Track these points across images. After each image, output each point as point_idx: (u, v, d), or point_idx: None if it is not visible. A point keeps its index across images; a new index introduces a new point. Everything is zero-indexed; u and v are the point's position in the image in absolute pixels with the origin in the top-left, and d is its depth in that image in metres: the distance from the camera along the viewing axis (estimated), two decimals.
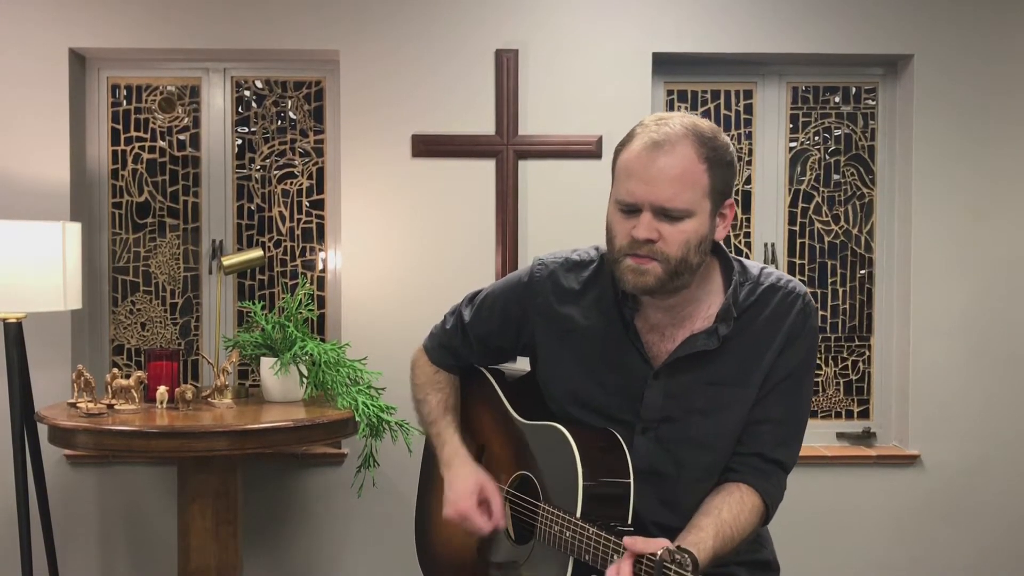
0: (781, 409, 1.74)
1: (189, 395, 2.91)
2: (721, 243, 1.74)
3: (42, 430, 2.98)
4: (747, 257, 3.63)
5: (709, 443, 1.73)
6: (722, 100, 3.65)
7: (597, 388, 1.77)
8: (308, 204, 3.61)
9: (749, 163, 3.64)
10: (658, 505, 1.75)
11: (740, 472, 1.74)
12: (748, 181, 3.65)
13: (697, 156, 1.60)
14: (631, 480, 1.67)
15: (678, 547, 1.45)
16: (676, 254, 1.61)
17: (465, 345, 1.96)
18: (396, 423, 3.02)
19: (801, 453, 3.59)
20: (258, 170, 3.61)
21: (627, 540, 1.50)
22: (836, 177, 3.68)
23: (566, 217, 3.40)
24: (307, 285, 3.27)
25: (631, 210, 1.62)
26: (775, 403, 1.74)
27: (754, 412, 1.74)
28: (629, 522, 1.65)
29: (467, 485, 1.84)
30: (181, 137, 3.60)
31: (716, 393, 1.72)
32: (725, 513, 1.66)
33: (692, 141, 1.60)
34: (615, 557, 1.53)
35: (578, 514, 1.63)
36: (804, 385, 1.77)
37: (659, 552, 1.44)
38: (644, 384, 1.73)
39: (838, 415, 3.71)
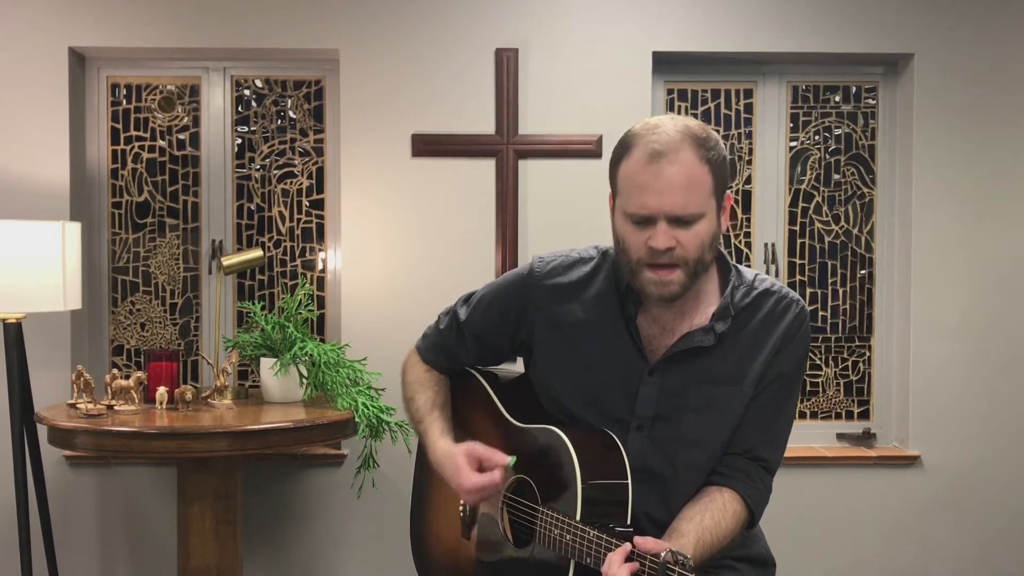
0: (769, 411, 1.77)
1: (189, 396, 2.91)
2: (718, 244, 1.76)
3: (42, 431, 2.98)
4: (747, 256, 3.63)
5: (702, 442, 1.75)
6: (722, 99, 3.64)
7: (594, 384, 1.79)
8: (308, 204, 3.61)
9: (749, 163, 3.64)
10: (656, 503, 1.76)
11: (725, 475, 1.76)
12: (748, 181, 3.64)
13: (699, 159, 1.63)
14: (629, 480, 1.67)
15: (677, 550, 1.47)
16: (694, 255, 1.65)
17: (460, 344, 1.95)
18: (396, 424, 3.02)
19: (801, 453, 3.62)
20: (258, 170, 3.60)
21: (638, 540, 1.52)
22: (836, 177, 3.68)
23: (566, 217, 3.40)
24: (307, 285, 3.27)
25: (645, 221, 1.64)
26: (764, 404, 1.76)
27: (743, 414, 1.76)
28: (628, 522, 1.66)
29: (455, 464, 1.79)
30: (181, 137, 3.60)
31: (710, 391, 1.74)
32: (707, 520, 1.68)
33: (691, 145, 1.63)
34: None
35: (578, 516, 1.63)
36: (793, 390, 1.81)
37: (662, 553, 1.46)
38: (640, 380, 1.75)
39: (838, 416, 3.70)
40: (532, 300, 1.84)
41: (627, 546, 1.52)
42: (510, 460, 1.76)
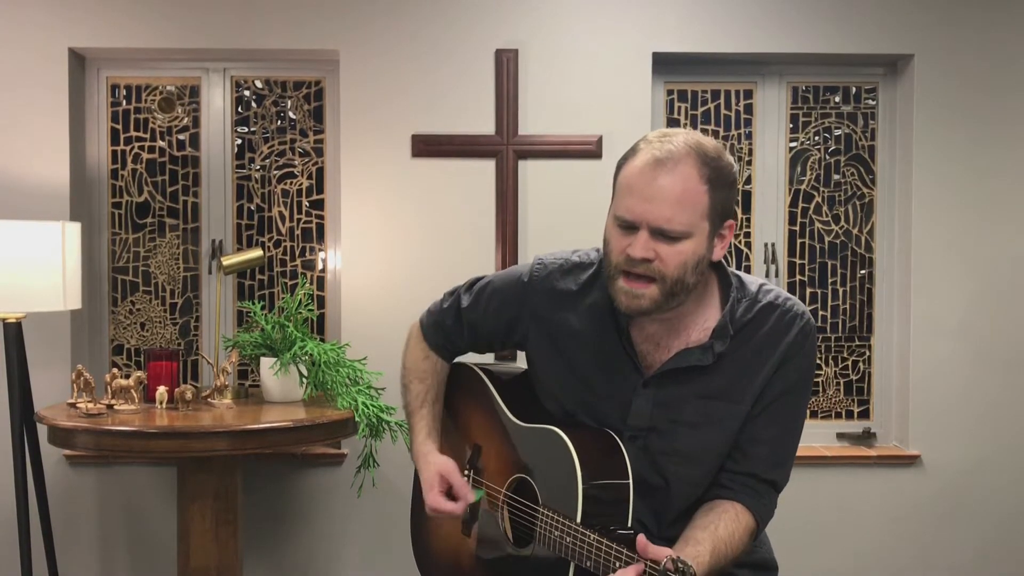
0: (776, 429, 1.73)
1: (189, 395, 2.91)
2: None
3: (42, 430, 2.98)
4: (747, 257, 3.63)
5: (696, 456, 1.72)
6: (722, 100, 3.65)
7: (587, 393, 1.77)
8: (308, 204, 3.61)
9: (749, 163, 3.64)
10: (648, 516, 1.75)
11: (733, 490, 1.72)
12: (748, 181, 3.64)
13: (699, 176, 1.58)
14: (630, 481, 1.66)
15: (679, 558, 1.43)
16: (673, 274, 1.59)
17: (457, 328, 1.96)
18: (396, 423, 3.02)
19: (801, 453, 3.59)
20: (258, 170, 3.61)
21: (640, 540, 1.49)
22: (836, 177, 3.68)
23: (566, 217, 3.40)
24: (307, 285, 3.27)
25: (629, 227, 1.60)
26: (770, 423, 1.72)
27: (747, 431, 1.72)
28: (629, 524, 1.65)
29: (429, 479, 1.87)
30: (181, 137, 3.60)
31: (706, 407, 1.70)
32: (721, 530, 1.64)
33: (695, 160, 1.58)
34: (617, 565, 1.52)
35: (578, 518, 1.62)
36: (800, 406, 1.75)
37: (663, 561, 1.43)
38: (634, 392, 1.72)
39: (838, 415, 3.70)
40: (527, 307, 1.83)
41: (640, 566, 1.49)
42: (476, 496, 1.85)
